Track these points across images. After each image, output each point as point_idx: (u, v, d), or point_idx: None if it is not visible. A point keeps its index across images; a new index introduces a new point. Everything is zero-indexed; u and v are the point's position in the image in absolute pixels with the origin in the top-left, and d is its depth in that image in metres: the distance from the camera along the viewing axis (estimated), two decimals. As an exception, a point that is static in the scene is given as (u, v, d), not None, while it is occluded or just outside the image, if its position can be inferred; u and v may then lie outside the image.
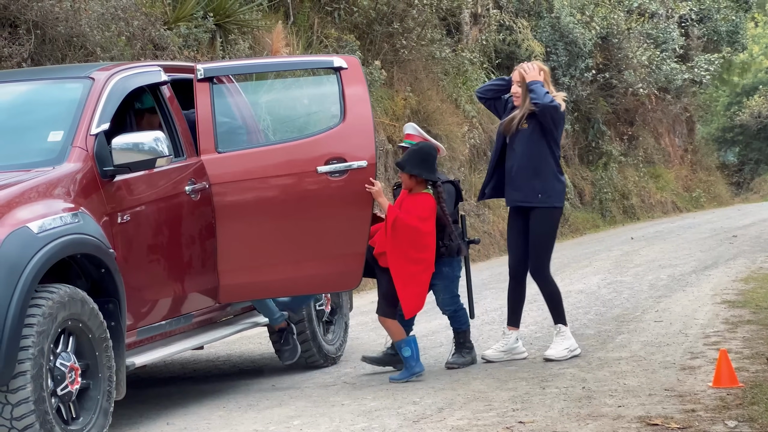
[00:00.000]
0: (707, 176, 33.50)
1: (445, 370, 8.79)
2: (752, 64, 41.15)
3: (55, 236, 6.54)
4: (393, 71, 19.04)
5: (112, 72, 7.78)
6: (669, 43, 27.88)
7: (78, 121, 7.30)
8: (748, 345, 9.12)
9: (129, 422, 7.61)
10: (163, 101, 8.13)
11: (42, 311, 6.37)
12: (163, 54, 13.29)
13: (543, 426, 6.82)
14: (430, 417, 7.24)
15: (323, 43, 17.40)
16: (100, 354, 6.79)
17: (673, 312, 11.12)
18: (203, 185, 8.05)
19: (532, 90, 8.79)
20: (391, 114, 18.41)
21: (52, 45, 11.97)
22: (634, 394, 7.54)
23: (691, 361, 8.59)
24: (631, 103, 28.36)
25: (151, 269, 7.54)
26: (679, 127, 33.11)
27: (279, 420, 7.43)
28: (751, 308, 11.06)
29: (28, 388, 6.24)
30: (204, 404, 8.10)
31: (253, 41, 15.72)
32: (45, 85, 7.95)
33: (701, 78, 29.32)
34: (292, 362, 8.97)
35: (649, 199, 28.53)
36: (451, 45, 21.55)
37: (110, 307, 6.98)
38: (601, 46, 25.89)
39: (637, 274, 14.58)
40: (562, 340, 8.97)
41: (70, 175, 7.00)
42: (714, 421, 6.71)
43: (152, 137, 7.32)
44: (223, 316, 8.55)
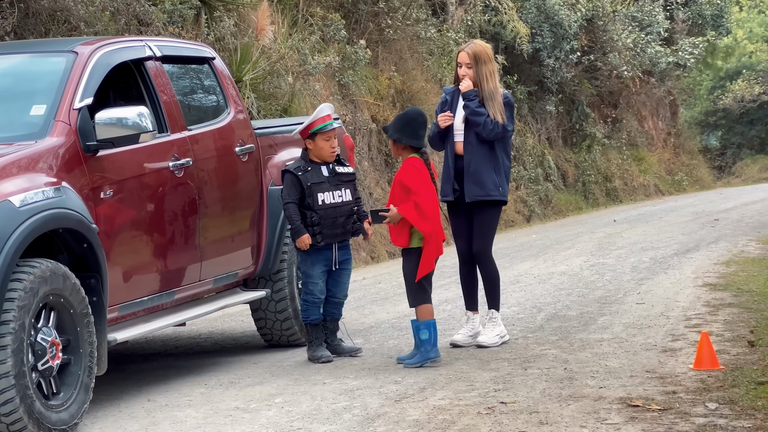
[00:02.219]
0: (690, 160, 33.57)
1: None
2: (736, 48, 41.19)
3: (37, 210, 6.51)
4: (378, 51, 19.00)
5: (96, 46, 7.73)
6: (654, 26, 27.88)
7: (61, 96, 7.26)
8: (729, 328, 9.15)
9: (110, 398, 7.60)
10: (147, 76, 8.09)
11: (23, 286, 6.34)
12: (148, 30, 13.22)
13: (524, 406, 6.83)
14: (411, 396, 7.24)
15: (308, 22, 17.34)
16: (82, 329, 6.77)
17: (655, 294, 11.15)
18: (187, 161, 8.02)
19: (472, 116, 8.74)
20: (375, 93, 18.37)
21: (36, 19, 11.89)
22: (616, 376, 7.56)
23: (672, 344, 8.61)
24: (616, 85, 28.37)
25: (134, 245, 7.51)
26: (663, 110, 33.15)
27: (260, 398, 7.42)
28: (732, 291, 11.09)
29: (8, 363, 6.21)
30: (185, 381, 8.09)
31: (238, 19, 15.65)
32: (28, 58, 7.89)
33: (685, 61, 29.34)
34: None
35: (632, 182, 28.58)
36: (437, 25, 21.50)
37: (92, 283, 6.96)
38: (586, 29, 25.88)
39: (620, 256, 14.61)
40: (494, 326, 8.89)
41: (53, 149, 6.96)
42: (695, 403, 6.73)
43: (136, 112, 7.29)
44: (205, 293, 8.53)
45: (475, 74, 8.81)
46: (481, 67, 8.81)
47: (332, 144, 8.71)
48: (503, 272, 8.83)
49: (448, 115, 8.84)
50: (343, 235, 8.66)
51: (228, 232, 8.53)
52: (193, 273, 8.13)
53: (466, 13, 22.79)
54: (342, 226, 8.61)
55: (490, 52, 8.92)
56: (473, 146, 8.80)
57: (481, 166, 8.78)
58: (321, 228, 8.54)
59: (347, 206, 8.64)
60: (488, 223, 8.90)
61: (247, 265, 8.81)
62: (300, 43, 16.32)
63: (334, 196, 8.60)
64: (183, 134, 8.15)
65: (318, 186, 8.56)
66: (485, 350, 8.68)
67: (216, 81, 8.94)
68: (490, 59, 8.86)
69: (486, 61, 8.82)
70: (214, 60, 9.01)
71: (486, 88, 8.79)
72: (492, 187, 8.78)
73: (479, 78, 8.80)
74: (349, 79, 17.53)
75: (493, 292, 8.92)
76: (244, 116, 8.99)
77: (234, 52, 14.76)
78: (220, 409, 7.17)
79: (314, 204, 8.53)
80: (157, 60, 8.24)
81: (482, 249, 8.89)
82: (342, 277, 8.73)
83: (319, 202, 8.54)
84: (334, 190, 8.62)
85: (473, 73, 8.82)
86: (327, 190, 8.59)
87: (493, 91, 8.79)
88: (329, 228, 8.56)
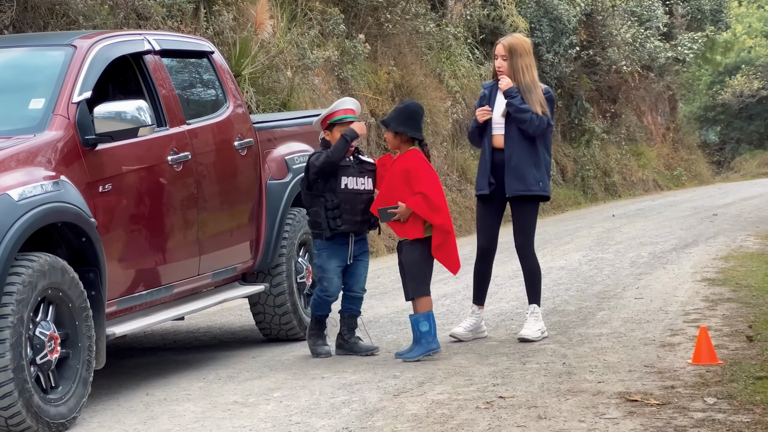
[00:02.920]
0: (688, 155, 33.56)
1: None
2: (735, 43, 41.18)
3: (35, 204, 6.51)
4: (377, 45, 18.98)
5: (94, 40, 7.72)
6: (653, 21, 27.86)
7: (60, 89, 7.25)
8: (727, 323, 9.15)
9: (108, 392, 7.59)
10: (146, 70, 8.08)
11: (22, 279, 6.34)
12: (147, 24, 13.22)
13: (523, 401, 6.83)
14: (410, 391, 7.25)
15: (307, 16, 17.33)
16: (80, 323, 6.77)
17: (654, 289, 11.15)
18: (186, 155, 8.02)
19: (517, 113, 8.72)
20: (374, 88, 18.36)
21: (34, 12, 11.88)
22: (614, 371, 7.56)
23: (670, 338, 8.61)
24: (614, 80, 28.36)
25: (133, 239, 7.51)
26: (662, 105, 33.14)
27: (259, 392, 7.42)
28: (730, 286, 11.10)
29: (6, 356, 6.21)
30: (184, 375, 8.08)
31: (237, 13, 15.63)
32: (27, 52, 7.88)
33: (684, 56, 29.32)
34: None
35: (631, 177, 28.57)
36: (436, 20, 21.48)
37: (91, 277, 6.96)
38: (585, 23, 25.86)
39: (618, 251, 14.60)
40: (535, 321, 8.85)
41: (52, 143, 6.95)
42: (693, 398, 6.73)
43: (135, 106, 7.28)
44: (204, 288, 8.53)
45: (510, 67, 8.79)
46: (517, 59, 8.78)
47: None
48: (502, 267, 8.84)
49: (486, 110, 8.84)
50: (361, 225, 8.48)
51: (227, 227, 8.52)
52: (191, 267, 8.12)
53: (465, 8, 22.77)
54: (361, 214, 8.43)
55: (527, 45, 8.87)
56: (514, 140, 8.77)
57: (522, 161, 8.75)
58: (341, 212, 8.41)
59: (368, 195, 8.50)
60: (529, 218, 8.90)
61: (245, 259, 8.80)
62: (299, 38, 16.31)
63: (356, 183, 8.48)
64: (182, 128, 8.14)
65: (343, 169, 8.42)
66: (483, 345, 8.68)
67: (215, 75, 8.93)
68: (527, 52, 8.82)
69: (522, 53, 8.79)
70: (213, 54, 9.01)
71: (523, 81, 8.76)
72: (533, 182, 8.76)
73: (514, 70, 8.78)
74: (348, 74, 17.52)
75: (535, 286, 8.90)
76: (243, 110, 8.99)
77: (233, 46, 14.75)
78: (219, 403, 7.17)
79: (336, 186, 8.40)
80: (156, 54, 8.23)
81: (525, 243, 8.88)
82: (359, 270, 8.61)
83: (342, 185, 8.40)
84: (358, 176, 8.49)
85: (508, 65, 8.79)
86: (351, 175, 8.46)
87: (531, 84, 8.77)
88: (349, 214, 8.41)
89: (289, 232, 9.06)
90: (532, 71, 8.81)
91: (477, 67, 22.49)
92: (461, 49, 21.90)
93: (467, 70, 21.86)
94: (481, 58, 22.84)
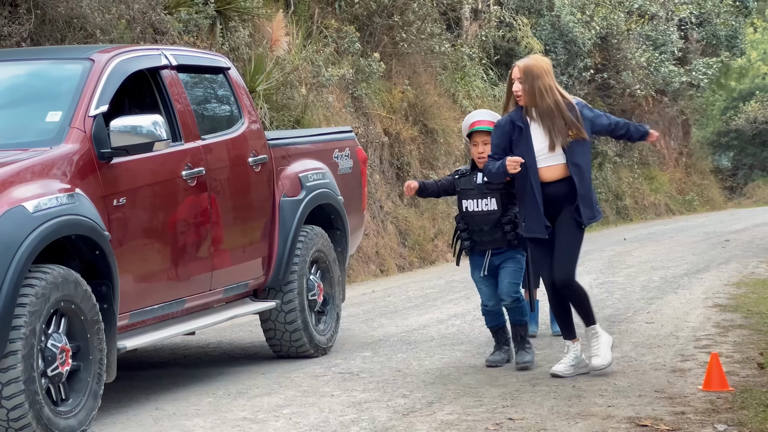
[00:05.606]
0: (701, 180, 33.54)
1: (435, 364, 8.78)
2: (750, 69, 41.16)
3: (50, 216, 6.52)
4: (392, 64, 19.01)
5: (112, 54, 7.75)
6: (668, 45, 27.88)
7: (77, 102, 7.28)
8: (738, 349, 9.13)
9: (118, 405, 7.60)
10: (162, 85, 8.11)
11: (35, 291, 6.36)
12: (163, 39, 13.26)
13: (532, 423, 6.82)
14: (419, 411, 7.24)
15: (323, 34, 17.38)
16: (92, 336, 6.78)
17: (665, 314, 11.12)
18: (200, 170, 8.04)
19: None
20: (388, 107, 18.38)
21: (52, 25, 11.93)
22: (624, 395, 7.54)
23: (681, 364, 8.59)
24: (628, 104, 28.36)
25: (146, 253, 7.52)
26: (675, 129, 33.13)
27: (268, 408, 7.42)
28: (742, 313, 11.07)
29: (18, 368, 6.22)
30: (193, 390, 8.09)
31: (253, 29, 15.68)
32: (45, 65, 7.91)
33: (699, 81, 29.32)
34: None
35: (643, 201, 28.56)
36: (451, 40, 21.52)
37: (103, 290, 6.97)
38: (600, 46, 25.89)
39: (630, 275, 14.58)
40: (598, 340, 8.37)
41: (67, 155, 6.97)
42: (703, 424, 6.71)
43: (151, 121, 7.31)
44: (215, 303, 8.54)
45: (527, 91, 8.07)
46: (534, 81, 8.06)
47: (479, 149, 8.56)
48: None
49: (518, 161, 8.04)
50: (493, 243, 8.56)
51: (239, 242, 8.53)
52: (203, 282, 8.14)
53: (480, 29, 22.82)
54: (489, 234, 8.52)
55: (546, 65, 8.15)
56: (581, 168, 8.13)
57: (589, 186, 8.20)
58: (469, 234, 8.59)
59: (492, 215, 8.50)
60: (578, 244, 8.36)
61: (257, 275, 8.81)
62: (314, 55, 16.35)
63: (478, 204, 8.54)
64: (197, 143, 8.16)
65: (465, 193, 8.60)
66: (494, 366, 8.66)
67: (230, 91, 8.96)
68: (546, 73, 8.10)
69: (540, 75, 8.06)
70: (229, 70, 9.03)
71: (542, 105, 8.06)
72: (598, 207, 8.38)
73: (531, 94, 8.06)
74: (362, 92, 17.55)
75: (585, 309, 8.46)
76: (258, 127, 9.01)
77: (248, 63, 14.79)
78: (228, 419, 7.17)
79: (461, 210, 8.63)
80: (173, 69, 8.26)
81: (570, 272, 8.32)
82: (501, 276, 8.60)
83: (463, 208, 8.59)
84: (480, 198, 8.54)
85: (525, 89, 8.08)
86: (473, 198, 8.56)
87: (552, 108, 8.05)
88: (477, 235, 8.56)
89: (301, 250, 9.06)
90: (553, 93, 8.08)
91: (491, 87, 22.52)
92: (476, 70, 21.93)
93: (481, 91, 21.89)
94: (495, 79, 22.88)
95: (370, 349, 9.60)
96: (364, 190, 10.36)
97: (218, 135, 8.53)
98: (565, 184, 8.17)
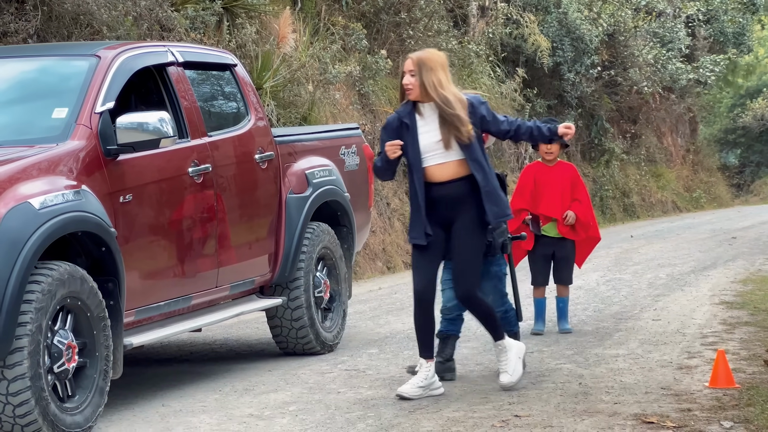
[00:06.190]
0: (708, 177, 33.49)
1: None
2: (757, 66, 41.09)
3: (56, 213, 6.53)
4: (398, 61, 19.00)
5: (118, 51, 7.75)
6: (675, 42, 27.84)
7: (83, 99, 7.28)
8: (745, 346, 9.12)
9: (124, 402, 7.60)
10: (169, 82, 8.11)
11: (41, 288, 6.36)
12: (170, 35, 13.26)
13: (539, 420, 6.82)
14: (426, 408, 7.24)
15: (330, 31, 17.37)
16: (98, 333, 6.78)
17: (671, 311, 11.11)
18: (206, 167, 8.04)
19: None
20: (395, 103, 18.38)
21: (59, 22, 11.94)
22: (631, 392, 7.54)
23: (688, 361, 8.58)
24: (635, 101, 28.34)
25: (152, 250, 7.53)
26: (682, 126, 33.08)
27: (275, 405, 7.43)
28: (749, 310, 11.06)
29: (24, 364, 6.23)
30: (200, 387, 8.09)
31: (260, 26, 15.69)
32: (51, 61, 7.92)
33: (706, 78, 29.27)
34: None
35: (650, 198, 28.52)
36: (458, 37, 21.52)
37: (110, 286, 6.97)
38: (607, 43, 25.87)
39: (636, 272, 14.57)
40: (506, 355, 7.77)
41: (74, 152, 6.98)
42: (710, 421, 6.71)
43: (157, 117, 7.31)
44: (221, 300, 8.54)
45: (420, 83, 7.46)
46: (427, 74, 7.44)
47: None
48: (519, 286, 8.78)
49: (397, 144, 7.49)
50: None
51: (246, 239, 8.54)
52: (210, 279, 8.14)
53: (487, 26, 22.80)
54: None
55: (440, 59, 7.52)
56: (481, 164, 7.54)
57: (494, 183, 7.59)
58: None
59: None
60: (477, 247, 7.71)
61: (264, 272, 8.81)
62: (321, 52, 16.34)
63: None
64: (203, 140, 8.16)
65: None
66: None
67: (237, 88, 8.96)
68: (440, 67, 7.47)
69: (433, 68, 7.45)
70: (236, 67, 9.03)
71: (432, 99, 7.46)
72: (505, 204, 7.73)
73: (424, 87, 7.45)
74: (369, 89, 17.55)
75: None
76: (265, 123, 9.01)
77: (255, 60, 14.79)
78: (234, 415, 7.18)
79: None
80: (179, 66, 8.26)
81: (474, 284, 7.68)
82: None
83: None
84: None
85: (417, 81, 7.47)
86: None
87: (442, 103, 7.44)
88: None
89: (307, 246, 9.06)
90: (444, 88, 7.45)
91: (498, 85, 22.51)
92: (483, 67, 21.92)
93: (488, 88, 21.87)
94: (502, 76, 22.86)
95: (376, 346, 9.60)
96: (371, 187, 10.36)
97: (225, 132, 8.53)
98: (463, 183, 7.53)
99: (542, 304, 10.06)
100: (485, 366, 8.58)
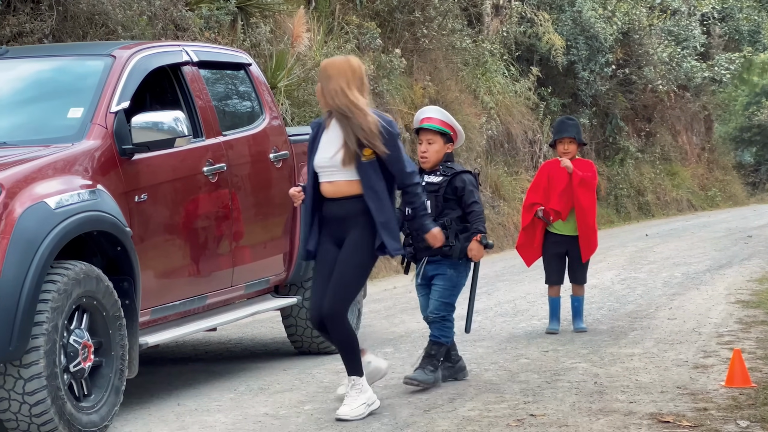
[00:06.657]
0: (723, 175, 33.41)
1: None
2: (772, 64, 40.97)
3: (72, 212, 6.54)
4: (413, 60, 19.00)
5: (133, 50, 7.76)
6: (690, 40, 27.79)
7: (98, 99, 7.29)
8: (761, 345, 9.09)
9: (140, 401, 7.62)
10: (184, 81, 8.11)
11: (57, 287, 6.37)
12: (184, 35, 13.28)
13: (554, 419, 6.81)
14: (441, 407, 7.23)
15: (344, 30, 17.37)
16: (114, 332, 6.79)
17: (687, 310, 11.09)
18: (221, 166, 8.04)
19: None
20: (409, 102, 18.38)
21: (74, 22, 11.96)
22: (646, 391, 7.52)
23: (704, 360, 8.56)
24: (650, 99, 28.28)
25: (167, 249, 7.53)
26: (697, 125, 33.01)
27: (290, 404, 7.43)
28: (765, 309, 11.03)
29: (40, 364, 6.24)
30: (215, 386, 8.10)
31: (274, 25, 15.70)
32: (67, 61, 7.93)
33: (721, 77, 29.22)
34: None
35: (665, 197, 28.46)
36: (472, 36, 21.51)
37: (125, 286, 6.98)
38: (621, 42, 25.82)
39: (651, 270, 14.54)
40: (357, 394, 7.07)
41: (89, 152, 6.99)
42: (726, 421, 6.69)
43: (172, 117, 7.31)
44: (236, 299, 8.55)
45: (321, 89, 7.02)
46: (327, 83, 6.95)
47: (422, 148, 7.93)
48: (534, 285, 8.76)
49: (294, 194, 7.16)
50: (427, 249, 7.71)
51: (260, 239, 8.54)
52: (225, 278, 8.14)
53: (501, 24, 22.79)
54: (423, 239, 7.45)
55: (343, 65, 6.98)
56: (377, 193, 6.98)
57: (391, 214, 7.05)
58: (410, 239, 7.89)
59: None
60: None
61: (278, 271, 8.82)
62: (335, 51, 16.34)
63: None
64: (218, 139, 8.17)
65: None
66: (515, 362, 8.65)
67: (252, 87, 8.96)
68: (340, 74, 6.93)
69: (333, 75, 6.93)
70: (251, 66, 9.04)
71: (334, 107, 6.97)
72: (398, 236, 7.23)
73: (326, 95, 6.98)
74: (383, 88, 17.54)
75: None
76: (279, 123, 9.01)
77: (269, 59, 14.80)
78: (250, 414, 7.18)
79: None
80: (194, 65, 8.27)
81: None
82: (431, 292, 7.93)
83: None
84: None
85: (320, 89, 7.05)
86: None
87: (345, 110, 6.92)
88: (415, 240, 7.82)
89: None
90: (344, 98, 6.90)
91: (512, 83, 22.49)
92: (497, 66, 21.91)
93: (502, 87, 21.87)
94: (516, 74, 22.84)
95: (391, 345, 9.59)
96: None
97: (239, 131, 8.53)
98: (354, 201, 7.01)
99: (557, 303, 10.05)
100: (500, 365, 8.57)
